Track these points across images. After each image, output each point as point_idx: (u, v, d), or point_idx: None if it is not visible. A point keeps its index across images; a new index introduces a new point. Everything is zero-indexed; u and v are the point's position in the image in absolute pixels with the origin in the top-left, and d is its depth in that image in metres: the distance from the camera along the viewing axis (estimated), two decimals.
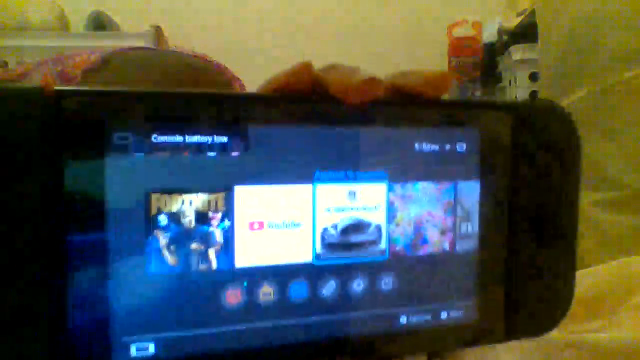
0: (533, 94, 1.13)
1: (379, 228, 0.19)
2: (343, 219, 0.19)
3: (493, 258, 0.21)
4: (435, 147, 0.20)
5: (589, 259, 0.52)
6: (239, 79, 0.50)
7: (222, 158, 0.17)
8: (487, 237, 0.21)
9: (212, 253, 0.17)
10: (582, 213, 0.56)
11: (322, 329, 0.19)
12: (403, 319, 0.20)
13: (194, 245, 0.17)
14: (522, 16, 1.21)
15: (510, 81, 1.29)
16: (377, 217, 0.19)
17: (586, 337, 0.30)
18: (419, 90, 0.19)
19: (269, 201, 0.18)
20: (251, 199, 0.18)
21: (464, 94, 1.52)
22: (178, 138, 0.17)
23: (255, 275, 0.18)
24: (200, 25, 1.55)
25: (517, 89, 1.21)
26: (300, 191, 0.18)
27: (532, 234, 0.21)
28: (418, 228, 0.20)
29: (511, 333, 0.21)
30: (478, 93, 1.53)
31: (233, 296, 0.18)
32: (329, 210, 0.19)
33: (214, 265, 0.17)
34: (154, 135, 0.16)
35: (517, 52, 1.18)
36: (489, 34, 1.47)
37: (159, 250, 0.17)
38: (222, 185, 0.17)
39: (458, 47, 1.52)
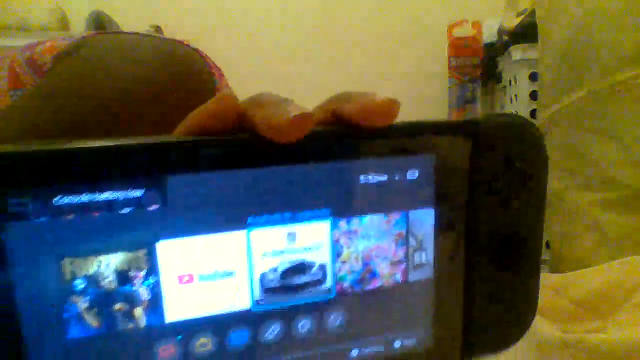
0: (533, 94, 1.13)
1: (323, 267, 0.18)
2: (283, 262, 0.18)
3: (450, 284, 0.20)
4: (383, 177, 0.18)
5: (589, 259, 0.52)
6: (219, 67, 0.48)
7: (139, 213, 0.16)
8: (443, 264, 0.20)
9: (138, 311, 0.16)
10: (582, 213, 0.56)
11: None
12: (354, 353, 0.19)
13: (117, 306, 0.16)
14: (522, 16, 1.21)
15: (510, 81, 1.29)
16: (320, 256, 0.18)
17: (585, 337, 0.30)
18: (363, 121, 0.17)
19: (197, 253, 0.17)
20: (177, 253, 0.16)
21: (464, 94, 1.52)
22: (84, 197, 0.15)
23: (189, 328, 0.17)
24: (200, 25, 1.55)
25: (517, 89, 1.21)
26: (232, 239, 0.17)
27: (493, 257, 0.20)
28: (367, 263, 0.19)
29: (467, 354, 0.21)
30: (478, 93, 1.53)
31: (166, 351, 0.17)
32: (266, 254, 0.18)
33: (142, 323, 0.16)
34: (56, 198, 0.15)
35: (517, 52, 1.18)
36: (489, 34, 1.47)
37: (79, 315, 0.15)
38: (141, 242, 0.16)
39: (458, 47, 1.52)
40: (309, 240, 0.18)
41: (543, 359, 0.32)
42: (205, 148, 0.16)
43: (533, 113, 1.11)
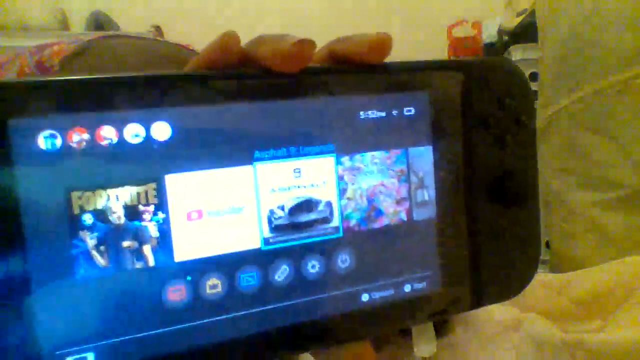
0: (533, 93, 1.13)
1: (329, 204, 0.18)
2: (290, 199, 0.18)
3: (453, 224, 0.20)
4: (382, 113, 0.19)
5: (589, 259, 0.52)
6: None
7: (148, 145, 0.16)
8: (445, 202, 0.20)
9: (147, 249, 0.16)
10: (582, 213, 0.56)
11: (279, 318, 0.18)
12: (365, 297, 0.19)
13: (126, 243, 0.16)
14: (522, 16, 1.21)
15: None
16: (326, 193, 0.18)
17: (586, 337, 0.30)
18: (359, 56, 0.18)
19: (205, 188, 0.17)
20: (186, 187, 0.16)
21: None
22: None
23: (198, 268, 0.17)
24: (200, 25, 1.55)
25: None
26: (239, 174, 0.17)
27: (493, 195, 0.20)
28: (371, 200, 0.19)
29: (478, 300, 0.21)
30: None
31: (176, 293, 0.16)
32: (273, 190, 0.17)
33: (151, 262, 0.16)
34: (66, 128, 0.15)
35: (517, 52, 1.18)
36: (489, 34, 1.47)
37: (87, 253, 0.15)
38: (150, 176, 0.16)
39: (458, 47, 1.52)
40: (314, 176, 0.18)
41: (543, 359, 0.32)
42: (212, 81, 0.17)
43: None
